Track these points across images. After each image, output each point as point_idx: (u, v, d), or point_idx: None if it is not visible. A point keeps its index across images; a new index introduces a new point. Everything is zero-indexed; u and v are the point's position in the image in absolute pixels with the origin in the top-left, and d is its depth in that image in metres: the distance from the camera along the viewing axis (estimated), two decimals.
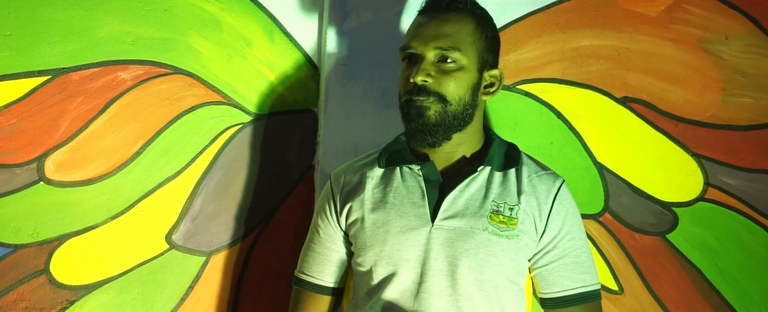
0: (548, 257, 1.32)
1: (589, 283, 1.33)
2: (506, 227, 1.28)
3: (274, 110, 1.66)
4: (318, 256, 1.38)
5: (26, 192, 1.48)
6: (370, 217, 1.31)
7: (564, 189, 1.35)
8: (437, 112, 1.27)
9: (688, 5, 1.65)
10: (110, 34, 1.50)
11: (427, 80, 1.26)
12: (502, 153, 1.35)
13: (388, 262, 1.28)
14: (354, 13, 1.63)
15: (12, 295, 1.49)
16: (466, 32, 1.30)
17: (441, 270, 1.27)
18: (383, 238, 1.29)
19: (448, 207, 1.29)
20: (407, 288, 1.28)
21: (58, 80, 1.47)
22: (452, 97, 1.27)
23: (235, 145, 1.63)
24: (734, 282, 1.65)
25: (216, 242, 1.64)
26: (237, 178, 1.64)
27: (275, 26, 1.63)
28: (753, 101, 1.64)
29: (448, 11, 1.30)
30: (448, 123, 1.28)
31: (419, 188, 1.31)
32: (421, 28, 1.30)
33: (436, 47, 1.27)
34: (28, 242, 1.49)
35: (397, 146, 1.38)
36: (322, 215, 1.39)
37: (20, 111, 1.45)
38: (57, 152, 1.49)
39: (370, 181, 1.35)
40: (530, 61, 1.69)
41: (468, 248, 1.26)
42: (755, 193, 1.64)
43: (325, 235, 1.38)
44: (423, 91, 1.26)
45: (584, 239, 1.36)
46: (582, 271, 1.33)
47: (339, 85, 1.64)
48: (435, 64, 1.28)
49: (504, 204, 1.30)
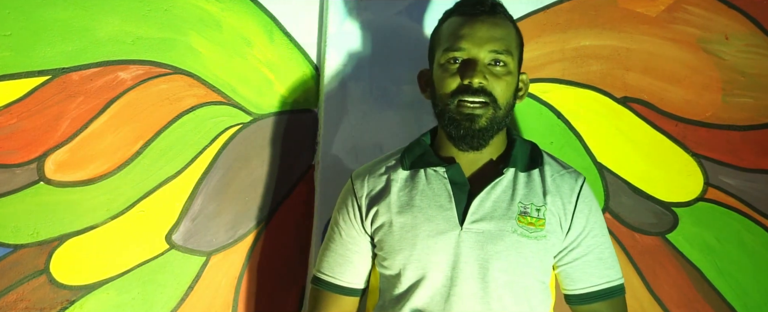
0: (573, 254, 1.32)
1: (614, 279, 1.34)
2: (535, 228, 1.28)
3: (274, 110, 1.66)
4: (339, 257, 1.36)
5: (26, 192, 1.48)
6: (397, 221, 1.29)
7: (586, 186, 1.36)
8: (488, 117, 1.26)
9: (688, 5, 1.65)
10: (110, 34, 1.50)
11: (483, 82, 1.25)
12: (525, 154, 1.35)
13: (418, 266, 1.28)
14: (354, 13, 1.63)
15: (12, 295, 1.49)
16: (512, 36, 1.30)
17: (472, 273, 1.26)
18: (412, 242, 1.28)
19: (476, 210, 1.28)
20: (437, 291, 1.27)
21: (58, 80, 1.47)
22: (501, 101, 1.27)
23: (235, 145, 1.63)
24: (734, 282, 1.65)
25: (216, 242, 1.64)
26: (237, 178, 1.64)
27: (275, 26, 1.63)
28: (753, 101, 1.64)
29: (494, 15, 1.29)
30: (495, 127, 1.28)
31: (446, 191, 1.30)
32: (471, 30, 1.27)
33: (491, 50, 1.26)
34: (28, 242, 1.49)
35: (420, 148, 1.36)
36: (346, 217, 1.36)
37: (20, 111, 1.45)
38: (57, 152, 1.49)
39: (395, 183, 1.33)
40: (530, 61, 1.69)
41: (498, 251, 1.26)
42: (755, 193, 1.64)
43: (348, 237, 1.36)
44: (480, 92, 1.25)
45: (606, 235, 1.37)
46: (606, 267, 1.33)
47: (339, 85, 1.64)
48: (487, 66, 1.27)
49: (531, 205, 1.30)
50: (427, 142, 1.38)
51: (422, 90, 1.39)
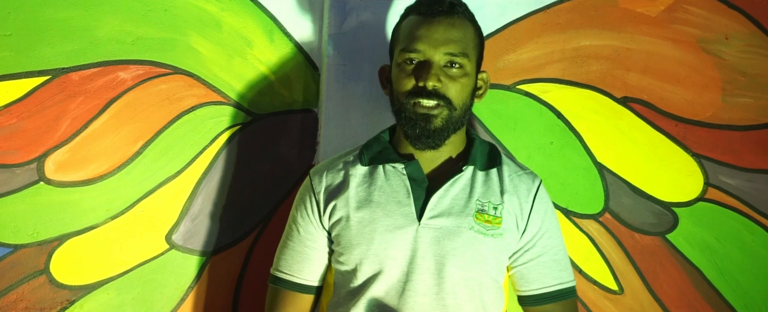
0: (528, 255, 1.34)
1: (566, 281, 1.36)
2: (491, 226, 1.30)
3: (274, 110, 1.66)
4: (297, 254, 1.37)
5: (26, 192, 1.48)
6: (355, 216, 1.30)
7: (542, 188, 1.38)
8: (444, 118, 1.27)
9: (688, 5, 1.65)
10: (110, 34, 1.50)
11: (437, 85, 1.26)
12: (484, 153, 1.37)
13: (375, 261, 1.28)
14: (354, 13, 1.63)
15: (12, 295, 1.49)
16: (469, 37, 1.30)
17: (428, 268, 1.28)
18: (370, 236, 1.29)
19: (435, 206, 1.29)
20: (393, 286, 1.28)
21: (58, 80, 1.47)
22: (457, 103, 1.28)
23: (235, 145, 1.63)
24: (734, 282, 1.65)
25: (216, 242, 1.64)
26: (237, 178, 1.64)
27: (275, 26, 1.63)
28: (753, 101, 1.64)
29: (451, 15, 1.29)
30: (451, 127, 1.30)
31: (404, 187, 1.31)
32: (427, 32, 1.28)
33: (446, 53, 1.27)
34: (28, 242, 1.49)
35: (379, 145, 1.37)
36: (303, 213, 1.37)
37: (20, 111, 1.45)
38: (57, 152, 1.49)
39: (353, 179, 1.34)
40: (530, 61, 1.69)
41: (455, 247, 1.28)
42: (755, 193, 1.64)
43: (306, 233, 1.36)
44: (433, 94, 1.26)
45: (561, 237, 1.39)
46: (560, 268, 1.36)
47: (339, 85, 1.64)
48: (442, 68, 1.28)
49: (488, 203, 1.31)
50: (387, 138, 1.39)
51: (383, 86, 1.40)
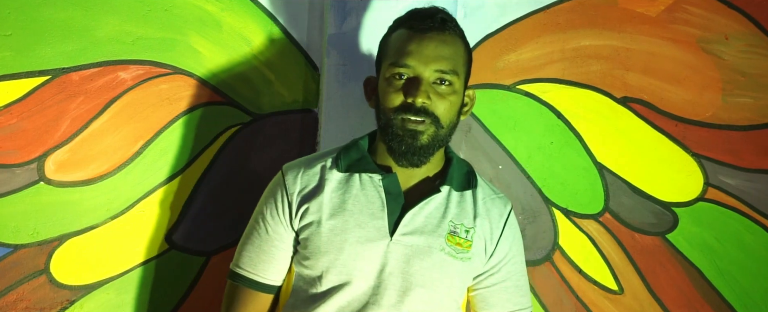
0: (492, 279, 1.35)
1: (525, 307, 1.39)
2: (461, 249, 1.30)
3: (274, 110, 1.66)
4: (263, 253, 1.33)
5: (26, 192, 1.48)
6: (327, 223, 1.28)
7: (512, 214, 1.39)
8: (430, 135, 1.26)
9: (688, 5, 1.65)
10: (110, 34, 1.50)
11: (427, 102, 1.24)
12: (461, 173, 1.36)
13: (342, 271, 1.27)
14: (354, 13, 1.63)
15: (12, 295, 1.49)
16: (460, 55, 1.29)
17: (394, 285, 1.26)
18: (340, 246, 1.26)
19: (408, 222, 1.28)
20: (356, 298, 1.27)
21: (58, 80, 1.47)
22: (445, 121, 1.27)
23: (235, 145, 1.63)
24: (734, 282, 1.65)
25: (216, 242, 1.64)
26: (237, 178, 1.64)
27: (275, 26, 1.63)
28: (753, 101, 1.64)
29: (443, 32, 1.27)
30: (436, 145, 1.28)
31: (379, 199, 1.29)
32: (418, 47, 1.26)
33: (437, 70, 1.25)
34: (28, 242, 1.49)
35: (357, 152, 1.34)
36: (274, 212, 1.33)
37: (20, 111, 1.45)
38: (57, 152, 1.49)
39: (328, 184, 1.31)
40: (530, 61, 1.69)
41: (424, 267, 1.27)
42: (755, 193, 1.64)
43: (274, 233, 1.33)
44: (421, 111, 1.24)
45: (524, 263, 1.41)
46: (520, 294, 1.38)
47: (339, 85, 1.64)
48: (431, 85, 1.26)
49: (461, 225, 1.31)
50: (365, 146, 1.36)
51: (368, 98, 1.38)
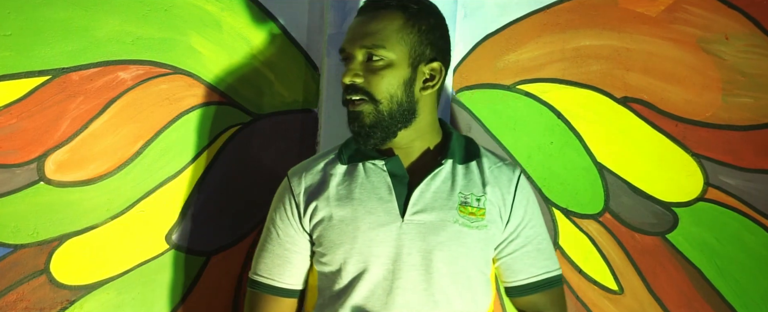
0: (513, 246, 1.35)
1: (552, 269, 1.37)
2: (476, 218, 1.30)
3: (274, 110, 1.66)
4: (277, 258, 1.35)
5: (26, 192, 1.48)
6: (337, 215, 1.29)
7: (523, 178, 1.38)
8: (370, 113, 1.28)
9: (688, 5, 1.65)
10: (110, 34, 1.50)
11: (356, 80, 1.28)
12: (462, 146, 1.36)
13: (359, 259, 1.27)
14: (354, 13, 1.63)
15: (12, 295, 1.49)
16: (393, 28, 1.29)
17: (414, 265, 1.27)
18: (353, 234, 1.28)
19: (417, 201, 1.29)
20: (379, 284, 1.27)
21: (58, 80, 1.47)
22: (382, 96, 1.27)
23: (235, 145, 1.63)
24: (734, 282, 1.65)
25: (216, 242, 1.64)
26: (237, 178, 1.64)
27: (275, 26, 1.63)
28: (753, 101, 1.64)
29: (376, 9, 1.30)
30: (384, 123, 1.28)
31: (385, 183, 1.30)
32: (351, 29, 1.32)
33: (361, 46, 1.28)
34: (28, 242, 1.49)
35: (357, 143, 1.35)
36: (283, 216, 1.35)
37: (20, 111, 1.45)
38: (57, 152, 1.49)
39: (333, 178, 1.33)
40: (530, 61, 1.69)
41: (441, 241, 1.27)
42: (755, 193, 1.64)
43: (286, 236, 1.34)
44: (352, 90, 1.28)
45: (544, 226, 1.39)
46: (544, 257, 1.37)
47: (339, 85, 1.64)
48: (364, 63, 1.28)
49: (471, 195, 1.31)
50: None
51: None
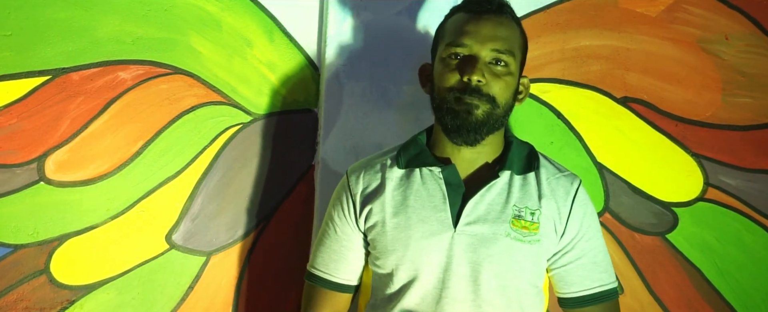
0: (567, 258, 1.32)
1: (607, 282, 1.34)
2: (528, 232, 1.28)
3: (274, 110, 1.66)
4: (334, 253, 1.36)
5: (26, 192, 1.48)
6: (391, 221, 1.29)
7: (582, 190, 1.35)
8: (485, 111, 1.25)
9: (688, 5, 1.65)
10: (110, 34, 1.50)
11: (482, 80, 1.25)
12: (522, 156, 1.34)
13: (410, 267, 1.27)
14: (354, 13, 1.63)
15: (12, 295, 1.49)
16: (515, 37, 1.30)
17: (464, 275, 1.26)
18: (405, 242, 1.27)
19: (470, 212, 1.27)
20: (428, 293, 1.27)
21: (58, 80, 1.47)
22: (500, 101, 1.27)
23: (235, 145, 1.63)
24: (734, 282, 1.65)
25: (216, 242, 1.64)
26: (237, 178, 1.64)
27: (275, 26, 1.63)
28: (753, 101, 1.64)
29: (500, 14, 1.29)
30: (491, 124, 1.27)
31: (440, 191, 1.29)
32: (475, 28, 1.27)
33: (493, 49, 1.26)
34: (28, 242, 1.49)
35: (416, 147, 1.35)
36: (340, 213, 1.36)
37: (20, 111, 1.45)
38: (57, 152, 1.49)
39: (389, 182, 1.32)
40: (530, 61, 1.67)
41: (491, 254, 1.26)
42: (755, 193, 1.64)
43: (343, 233, 1.35)
44: (476, 91, 1.25)
45: (601, 238, 1.36)
46: (600, 270, 1.33)
47: (339, 85, 1.64)
48: (487, 65, 1.27)
49: (525, 208, 1.29)
50: (423, 141, 1.36)
51: (423, 84, 1.39)
